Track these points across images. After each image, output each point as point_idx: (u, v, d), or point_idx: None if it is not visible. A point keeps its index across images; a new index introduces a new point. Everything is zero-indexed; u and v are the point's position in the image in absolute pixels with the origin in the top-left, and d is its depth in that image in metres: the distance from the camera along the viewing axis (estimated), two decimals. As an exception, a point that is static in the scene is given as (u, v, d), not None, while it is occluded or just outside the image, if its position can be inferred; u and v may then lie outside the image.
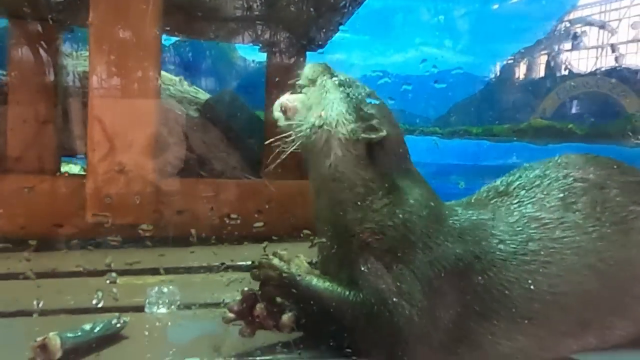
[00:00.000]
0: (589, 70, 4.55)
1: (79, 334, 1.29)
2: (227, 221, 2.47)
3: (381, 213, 1.23)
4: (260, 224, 2.26)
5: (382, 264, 1.19)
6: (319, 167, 1.31)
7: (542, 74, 4.48)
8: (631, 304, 1.28)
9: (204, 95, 3.85)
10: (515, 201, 1.33)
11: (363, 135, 1.28)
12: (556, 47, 4.69)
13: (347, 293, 1.20)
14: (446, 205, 1.34)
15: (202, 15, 3.45)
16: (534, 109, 4.24)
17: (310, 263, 1.34)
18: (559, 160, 1.41)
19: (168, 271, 1.97)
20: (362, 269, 1.21)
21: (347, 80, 1.36)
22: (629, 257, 1.26)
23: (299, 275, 1.23)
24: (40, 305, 1.53)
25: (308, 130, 1.30)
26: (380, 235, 1.21)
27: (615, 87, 3.97)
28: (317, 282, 1.22)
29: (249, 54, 4.15)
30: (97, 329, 1.33)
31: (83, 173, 3.68)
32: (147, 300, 1.61)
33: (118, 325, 1.39)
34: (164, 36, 2.67)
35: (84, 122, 3.24)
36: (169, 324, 1.55)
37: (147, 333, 1.46)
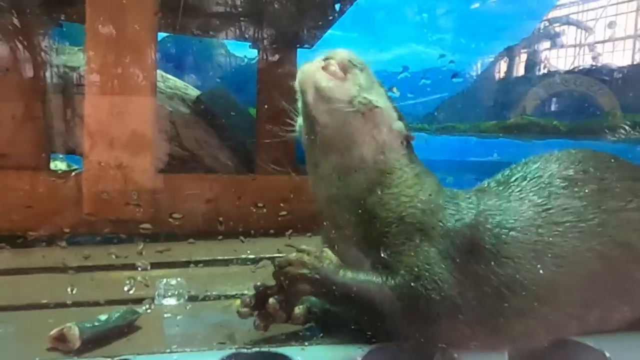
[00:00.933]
0: (567, 69, 4.66)
1: (96, 324, 1.30)
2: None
3: (413, 198, 1.29)
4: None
5: (412, 244, 1.24)
6: (358, 147, 1.30)
7: (526, 71, 4.59)
8: (630, 289, 1.33)
9: (194, 92, 3.84)
10: (518, 190, 1.38)
11: (406, 132, 1.36)
12: (539, 46, 4.80)
13: (383, 278, 1.23)
14: (457, 192, 1.39)
15: (193, 12, 3.45)
16: (517, 107, 4.33)
17: None
18: (559, 154, 1.46)
19: (175, 265, 1.99)
20: (393, 250, 1.25)
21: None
22: (628, 243, 1.32)
23: (334, 270, 1.23)
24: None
25: (359, 102, 1.27)
26: (412, 219, 1.27)
27: (592, 85, 4.08)
28: (353, 275, 1.24)
29: (239, 50, 4.15)
30: (113, 319, 1.35)
31: (71, 169, 3.65)
32: (156, 292, 1.62)
33: (133, 316, 1.40)
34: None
35: (73, 118, 3.22)
36: (180, 315, 1.57)
37: (160, 324, 1.48)
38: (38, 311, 1.57)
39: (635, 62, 4.45)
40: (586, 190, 1.34)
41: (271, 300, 1.26)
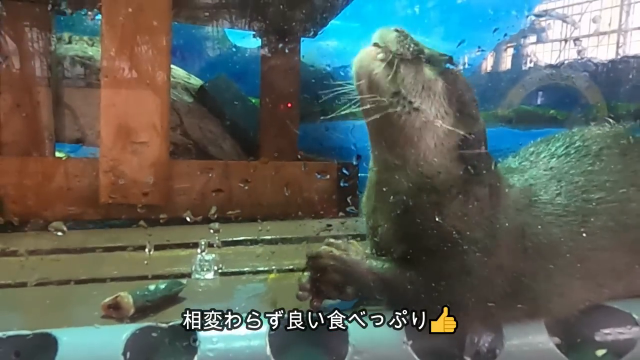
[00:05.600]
0: (554, 62, 4.74)
1: (147, 293, 1.35)
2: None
3: (459, 203, 1.23)
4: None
5: (452, 248, 1.22)
6: (401, 148, 1.24)
7: (525, 64, 4.68)
8: None
9: (196, 81, 3.86)
10: (549, 167, 1.44)
11: (461, 131, 1.21)
12: (528, 39, 4.91)
13: (408, 273, 1.25)
14: (503, 176, 1.36)
15: (195, 0, 3.46)
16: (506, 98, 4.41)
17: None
18: (581, 132, 1.53)
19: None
20: (427, 253, 1.24)
21: (443, 56, 1.26)
22: None
23: (360, 260, 1.28)
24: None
25: (400, 107, 1.19)
26: (456, 226, 1.22)
27: (578, 79, 4.16)
28: (378, 264, 1.28)
29: (241, 40, 4.16)
30: (162, 288, 1.39)
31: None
32: (193, 268, 1.68)
33: (178, 287, 1.46)
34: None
35: (78, 108, 3.23)
36: (219, 286, 1.62)
37: (202, 296, 1.53)
38: (79, 285, 1.61)
39: (618, 56, 4.58)
40: (612, 167, 1.41)
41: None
